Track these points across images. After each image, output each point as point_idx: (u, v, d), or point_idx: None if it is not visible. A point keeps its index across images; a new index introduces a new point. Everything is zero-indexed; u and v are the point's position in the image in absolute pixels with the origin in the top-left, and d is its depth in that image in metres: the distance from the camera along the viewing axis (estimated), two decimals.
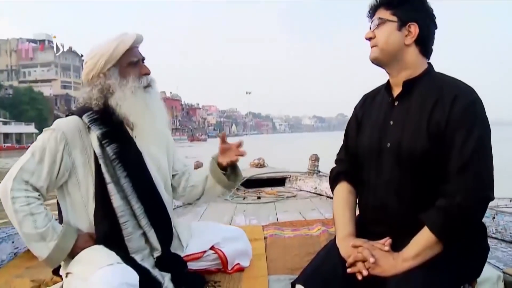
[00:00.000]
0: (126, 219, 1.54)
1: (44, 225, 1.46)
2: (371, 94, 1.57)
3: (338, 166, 1.58)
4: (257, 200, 4.06)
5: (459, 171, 1.23)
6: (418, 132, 1.30)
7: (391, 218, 1.35)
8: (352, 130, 1.56)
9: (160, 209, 1.67)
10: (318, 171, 4.85)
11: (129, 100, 1.57)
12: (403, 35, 1.36)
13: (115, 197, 1.53)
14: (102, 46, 1.59)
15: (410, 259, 1.23)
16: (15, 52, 71.84)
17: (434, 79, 1.36)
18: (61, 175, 1.52)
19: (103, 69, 1.58)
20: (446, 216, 1.22)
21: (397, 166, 1.34)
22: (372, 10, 1.44)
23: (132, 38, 1.61)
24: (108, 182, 1.52)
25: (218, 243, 1.88)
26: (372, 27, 1.41)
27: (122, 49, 1.58)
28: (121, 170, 1.54)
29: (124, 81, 1.58)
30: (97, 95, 1.57)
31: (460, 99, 1.26)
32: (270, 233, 2.63)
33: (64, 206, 1.58)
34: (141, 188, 1.58)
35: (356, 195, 1.51)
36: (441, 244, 1.23)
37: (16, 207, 1.43)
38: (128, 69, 1.60)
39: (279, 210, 3.58)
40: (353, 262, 1.28)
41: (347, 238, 1.38)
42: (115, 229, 1.53)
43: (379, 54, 1.39)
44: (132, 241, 1.56)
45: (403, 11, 1.36)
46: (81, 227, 1.56)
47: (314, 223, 2.87)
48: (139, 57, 1.64)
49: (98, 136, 1.54)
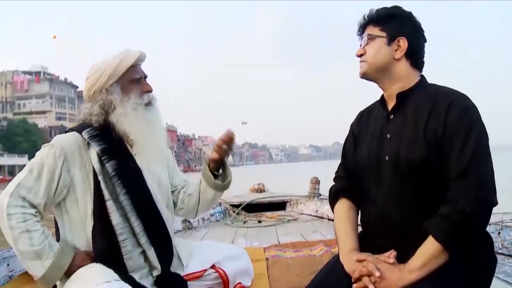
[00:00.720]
0: (125, 236, 1.52)
1: (40, 243, 1.43)
2: (366, 110, 1.60)
3: (337, 183, 1.58)
4: (257, 224, 4.04)
5: (459, 176, 1.23)
6: (415, 142, 1.31)
7: (394, 230, 1.34)
8: (350, 146, 1.57)
9: (160, 227, 1.65)
10: (319, 194, 4.86)
11: (130, 116, 1.58)
12: (393, 49, 1.39)
13: (114, 214, 1.51)
14: (105, 62, 1.61)
15: (416, 270, 1.22)
16: (10, 84, 72.70)
17: (427, 90, 1.38)
18: (59, 191, 1.51)
19: (106, 85, 1.59)
20: (450, 223, 1.21)
21: (397, 178, 1.34)
22: (361, 27, 1.47)
23: (136, 55, 1.62)
24: (107, 199, 1.51)
25: (219, 262, 1.85)
26: (362, 44, 1.44)
27: (125, 65, 1.60)
28: (121, 187, 1.53)
29: (126, 97, 1.59)
30: (98, 110, 1.58)
31: (455, 106, 1.28)
32: (272, 254, 2.61)
33: (62, 223, 1.56)
34: (141, 205, 1.57)
35: (357, 210, 1.51)
36: (446, 252, 1.22)
37: (12, 223, 1.40)
38: (131, 86, 1.61)
39: (280, 233, 3.56)
40: (359, 277, 1.26)
41: (350, 253, 1.37)
42: (113, 247, 1.51)
43: (367, 68, 1.42)
44: (131, 259, 1.53)
45: (391, 27, 1.40)
46: (78, 245, 1.53)
47: (316, 244, 2.86)
48: (142, 75, 1.66)
49: (98, 152, 1.54)
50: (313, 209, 4.46)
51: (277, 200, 4.97)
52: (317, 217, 4.32)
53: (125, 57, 1.61)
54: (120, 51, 1.64)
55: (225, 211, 4.48)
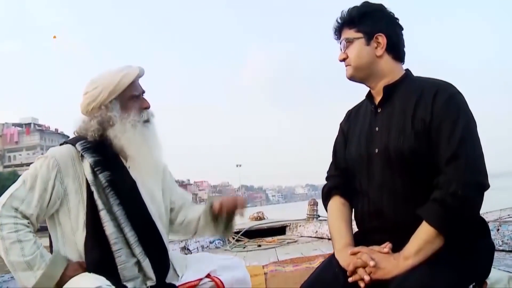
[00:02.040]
0: (119, 246, 1.53)
1: (31, 253, 1.44)
2: (354, 108, 1.64)
3: (329, 182, 1.60)
4: (257, 247, 4.05)
5: (450, 161, 1.25)
6: (404, 133, 1.33)
7: (387, 224, 1.36)
8: (340, 145, 1.61)
9: (155, 238, 1.66)
10: (318, 216, 4.88)
11: (128, 133, 1.61)
12: (373, 48, 1.43)
13: (108, 224, 1.52)
14: (105, 78, 1.63)
15: (411, 256, 1.22)
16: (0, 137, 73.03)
17: (413, 82, 1.42)
18: (52, 203, 1.53)
19: (105, 101, 1.61)
20: (442, 206, 1.23)
21: (388, 170, 1.37)
22: (337, 32, 1.51)
23: (136, 72, 1.65)
24: (100, 209, 1.52)
25: (214, 271, 1.83)
26: (342, 48, 1.48)
27: (126, 82, 1.62)
28: (114, 198, 1.55)
29: (126, 114, 1.62)
30: (96, 126, 1.60)
31: (440, 93, 1.32)
32: (271, 269, 2.62)
33: (55, 235, 1.57)
34: (135, 216, 1.59)
35: (351, 207, 1.53)
36: (441, 237, 1.23)
37: (3, 234, 1.42)
38: (130, 103, 1.64)
39: (280, 253, 3.56)
40: (354, 270, 1.27)
41: (344, 248, 1.38)
42: (107, 257, 1.52)
43: (353, 71, 1.46)
44: (125, 269, 1.54)
45: (366, 26, 1.44)
46: (70, 257, 1.54)
47: (315, 258, 2.86)
48: (141, 91, 1.69)
49: (91, 164, 1.56)
50: (313, 230, 4.47)
51: (276, 225, 4.99)
52: (317, 237, 4.32)
53: (126, 74, 1.63)
54: (120, 67, 1.66)
55: (224, 238, 4.48)
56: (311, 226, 4.57)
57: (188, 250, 3.82)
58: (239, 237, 4.48)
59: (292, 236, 4.64)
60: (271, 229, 4.90)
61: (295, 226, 4.82)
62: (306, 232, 4.57)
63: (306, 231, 4.57)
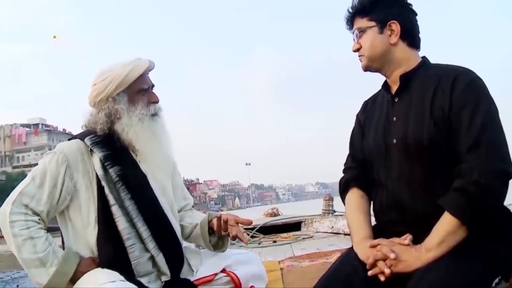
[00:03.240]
0: (132, 242, 1.54)
1: (44, 250, 1.45)
2: (370, 98, 1.63)
3: (347, 174, 1.60)
4: (272, 243, 4.07)
5: (471, 148, 1.23)
6: (422, 122, 1.32)
7: (407, 215, 1.35)
8: (357, 136, 1.61)
9: (168, 232, 1.67)
10: (334, 211, 4.89)
11: (135, 127, 1.61)
12: (387, 36, 1.42)
13: (120, 219, 1.53)
14: (114, 69, 1.63)
15: (434, 248, 1.21)
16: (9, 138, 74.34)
17: (430, 69, 1.41)
18: (62, 199, 1.54)
19: (113, 93, 1.61)
20: (465, 195, 1.21)
21: (406, 160, 1.36)
22: (349, 21, 1.50)
23: (146, 65, 1.65)
24: (112, 204, 1.54)
25: (229, 266, 1.84)
26: (356, 39, 1.47)
27: (135, 75, 1.62)
28: (125, 192, 1.56)
29: (133, 107, 1.62)
30: (104, 119, 1.61)
31: (459, 80, 1.30)
32: (287, 265, 2.63)
33: (66, 232, 1.59)
34: (147, 210, 1.59)
35: (369, 199, 1.52)
36: (464, 228, 1.22)
37: (14, 231, 1.44)
38: (138, 96, 1.64)
39: (296, 249, 3.58)
40: (373, 263, 1.25)
41: (363, 241, 1.37)
42: (121, 253, 1.53)
43: (368, 61, 1.45)
44: (139, 264, 1.55)
45: (378, 14, 1.42)
46: (82, 252, 1.55)
47: (332, 254, 2.87)
48: (150, 84, 1.69)
49: (101, 158, 1.57)
50: (328, 225, 4.48)
51: (291, 221, 5.02)
52: (333, 233, 4.33)
53: (135, 66, 1.63)
54: (130, 59, 1.66)
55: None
56: (326, 221, 4.58)
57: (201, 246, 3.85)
58: (254, 233, 4.52)
59: (307, 231, 4.66)
60: (286, 225, 4.93)
61: (311, 221, 4.84)
62: (321, 228, 4.58)
63: (322, 227, 4.59)
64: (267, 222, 4.89)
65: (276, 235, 4.55)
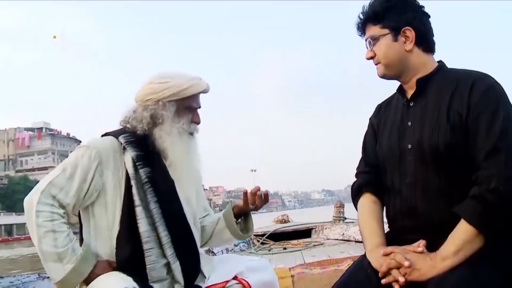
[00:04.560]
0: (150, 245, 1.57)
1: (64, 245, 1.49)
2: (384, 102, 1.63)
3: (359, 179, 1.60)
4: (283, 250, 4.14)
5: (489, 155, 1.22)
6: (438, 127, 1.32)
7: (421, 223, 1.35)
8: (370, 140, 1.61)
9: (188, 241, 1.71)
10: (344, 218, 4.94)
11: (173, 138, 1.67)
12: (401, 43, 1.41)
13: (142, 221, 1.57)
14: (176, 77, 1.70)
15: (450, 256, 1.20)
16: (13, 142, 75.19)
17: (447, 74, 1.41)
18: (89, 194, 1.57)
19: (165, 99, 1.67)
20: (483, 203, 1.20)
21: (421, 167, 1.35)
22: (360, 28, 1.50)
23: (204, 87, 1.73)
24: (137, 205, 1.57)
25: (241, 273, 1.85)
26: (369, 47, 1.47)
27: (192, 92, 1.70)
28: (152, 195, 1.60)
29: (177, 119, 1.69)
30: (148, 119, 1.66)
31: (477, 85, 1.30)
32: (298, 272, 2.68)
33: (87, 228, 1.64)
34: (170, 216, 1.63)
35: (382, 205, 1.52)
36: (482, 236, 1.20)
37: (39, 221, 1.46)
38: (185, 111, 1.71)
39: (307, 255, 3.64)
40: (387, 271, 1.25)
41: (376, 248, 1.36)
42: (137, 255, 1.57)
43: (385, 70, 1.45)
44: (154, 270, 1.59)
45: (391, 21, 1.41)
46: (101, 252, 1.60)
47: (343, 261, 2.92)
48: (198, 105, 1.77)
49: (133, 157, 1.61)
50: (339, 232, 4.53)
51: (302, 228, 5.08)
52: (344, 240, 4.38)
53: (196, 84, 1.71)
54: (193, 76, 1.75)
55: (249, 241, 4.60)
56: (337, 228, 4.64)
57: (212, 252, 3.93)
58: (264, 240, 4.58)
59: (318, 238, 4.72)
60: (297, 232, 4.99)
61: (321, 228, 4.90)
62: (332, 235, 4.63)
63: (333, 234, 4.64)
64: (277, 229, 4.96)
65: (286, 242, 4.61)
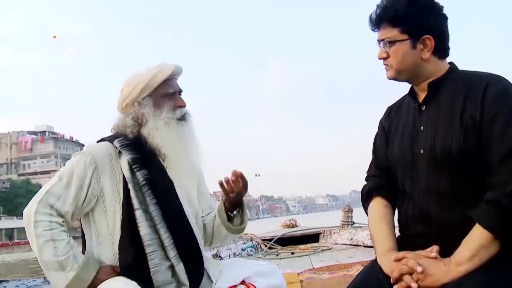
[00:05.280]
0: (153, 248, 1.57)
1: (64, 253, 1.50)
2: (395, 104, 1.61)
3: (369, 182, 1.58)
4: (291, 255, 4.14)
5: (505, 159, 1.21)
6: (452, 131, 1.31)
7: (434, 228, 1.33)
8: (381, 143, 1.59)
9: (191, 241, 1.70)
10: (353, 222, 4.93)
11: (161, 131, 1.66)
12: (419, 50, 1.37)
13: (143, 224, 1.55)
14: (140, 74, 1.70)
15: (465, 262, 1.18)
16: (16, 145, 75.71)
17: (459, 76, 1.39)
18: (88, 201, 1.57)
19: (138, 98, 1.67)
20: (498, 208, 1.19)
21: (434, 172, 1.34)
22: (375, 24, 1.45)
23: (171, 69, 1.70)
24: (136, 208, 1.56)
25: (249, 277, 1.81)
26: (383, 47, 1.42)
27: (160, 79, 1.68)
28: (151, 197, 1.59)
29: (158, 111, 1.67)
30: (131, 122, 1.67)
31: (491, 87, 1.28)
32: (306, 277, 2.68)
33: (89, 235, 1.64)
34: (171, 218, 1.61)
35: (393, 209, 1.50)
36: (497, 242, 1.19)
37: (38, 231, 1.46)
38: (163, 100, 1.69)
39: (315, 260, 3.63)
40: (399, 277, 1.23)
41: (388, 253, 1.35)
42: (141, 259, 1.56)
43: (395, 74, 1.43)
44: (158, 273, 1.58)
45: (412, 26, 1.37)
46: (104, 258, 1.60)
47: (352, 266, 2.91)
48: (176, 89, 1.73)
49: (129, 161, 1.61)
50: (348, 237, 4.52)
51: (309, 232, 5.08)
52: (352, 245, 4.37)
53: (160, 71, 1.69)
54: (156, 64, 1.73)
55: (256, 246, 4.62)
56: (345, 233, 4.63)
57: (219, 257, 3.93)
58: (271, 245, 4.59)
59: (326, 243, 4.70)
60: (304, 237, 4.99)
61: (329, 233, 4.89)
62: (340, 240, 4.62)
63: (341, 239, 4.62)
64: (285, 234, 4.96)
65: (294, 246, 4.62)
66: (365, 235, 4.26)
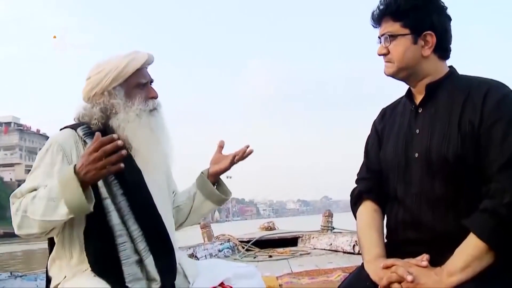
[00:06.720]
0: (124, 239, 1.55)
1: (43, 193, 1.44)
2: (390, 106, 1.62)
3: (360, 185, 1.58)
4: (268, 258, 4.15)
5: (503, 168, 1.21)
6: (448, 136, 1.31)
7: (425, 236, 1.33)
8: (373, 145, 1.59)
9: (161, 233, 1.68)
10: (333, 228, 4.96)
11: (132, 123, 1.63)
12: (419, 46, 1.38)
13: (112, 214, 1.54)
14: (111, 62, 1.65)
15: (457, 272, 1.18)
16: None
17: (459, 81, 1.40)
18: None
19: (108, 87, 1.63)
20: (495, 218, 1.19)
21: (428, 176, 1.34)
22: (376, 19, 1.46)
23: (144, 58, 1.67)
24: (104, 198, 1.54)
25: (228, 279, 1.82)
26: (384, 43, 1.43)
27: (132, 68, 1.64)
28: (117, 187, 1.57)
29: (130, 102, 1.64)
30: (99, 114, 1.63)
31: (492, 93, 1.29)
32: (286, 281, 2.67)
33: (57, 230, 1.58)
34: (140, 208, 1.60)
35: (383, 214, 1.51)
36: (492, 253, 1.19)
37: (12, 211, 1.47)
38: (136, 90, 1.66)
39: (294, 264, 3.64)
40: (387, 285, 1.22)
41: (376, 260, 1.35)
42: (111, 250, 1.53)
43: (395, 70, 1.43)
44: (129, 265, 1.55)
45: (414, 21, 1.38)
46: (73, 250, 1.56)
47: (333, 271, 2.91)
48: (148, 79, 1.71)
49: None
50: (327, 242, 4.54)
51: (288, 236, 5.09)
52: (331, 250, 4.39)
53: (132, 59, 1.65)
54: (128, 52, 1.68)
55: (233, 247, 4.62)
56: (325, 238, 4.64)
57: (196, 257, 3.89)
58: (249, 247, 4.59)
59: (304, 248, 4.71)
60: (283, 240, 4.99)
61: (308, 237, 4.90)
62: (319, 245, 4.63)
63: (320, 244, 4.64)
64: (263, 236, 4.96)
65: (272, 249, 4.61)
66: (344, 241, 4.29)
